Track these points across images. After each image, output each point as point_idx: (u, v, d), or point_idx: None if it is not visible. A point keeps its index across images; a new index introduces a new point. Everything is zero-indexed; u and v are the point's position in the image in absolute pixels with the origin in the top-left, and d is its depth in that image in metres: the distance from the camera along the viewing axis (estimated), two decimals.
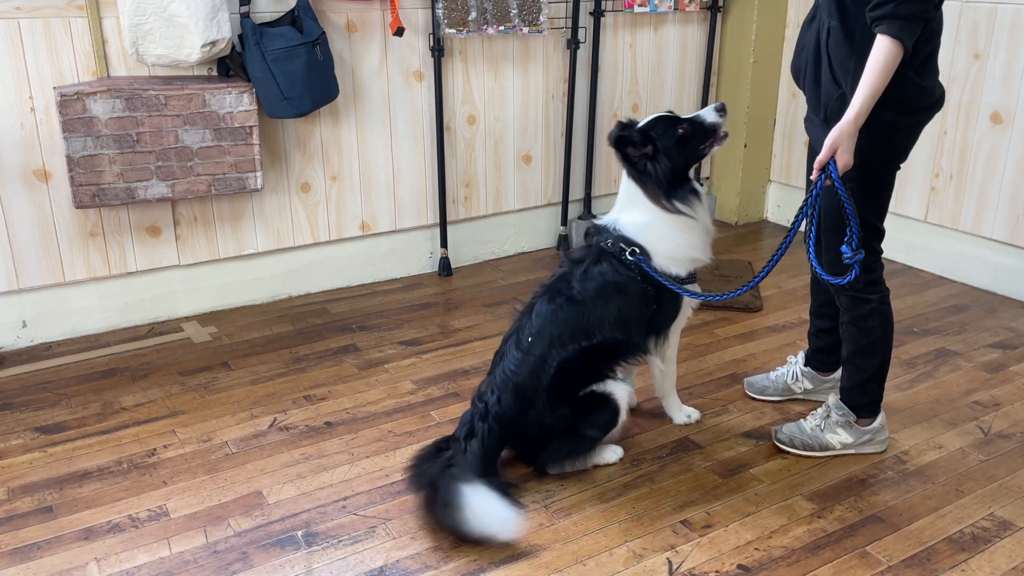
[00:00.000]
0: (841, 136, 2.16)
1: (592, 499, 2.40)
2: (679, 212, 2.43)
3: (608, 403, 2.42)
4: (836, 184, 2.23)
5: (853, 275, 2.22)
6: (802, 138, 4.57)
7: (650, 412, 2.83)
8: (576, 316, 2.37)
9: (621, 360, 2.46)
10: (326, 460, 2.58)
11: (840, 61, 2.23)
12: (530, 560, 2.15)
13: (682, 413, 2.77)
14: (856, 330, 2.45)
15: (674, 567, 2.13)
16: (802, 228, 2.29)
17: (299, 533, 2.25)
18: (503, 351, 2.44)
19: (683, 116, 2.47)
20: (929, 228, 4.02)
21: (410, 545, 2.21)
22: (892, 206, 2.49)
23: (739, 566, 2.14)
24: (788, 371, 2.89)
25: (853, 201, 2.20)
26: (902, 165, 2.37)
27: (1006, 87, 3.63)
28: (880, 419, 2.58)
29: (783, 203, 4.77)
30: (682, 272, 2.47)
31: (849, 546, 2.21)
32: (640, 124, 2.46)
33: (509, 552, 2.18)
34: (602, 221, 2.51)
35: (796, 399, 2.89)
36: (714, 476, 2.50)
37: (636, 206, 2.46)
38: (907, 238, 4.05)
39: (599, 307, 2.38)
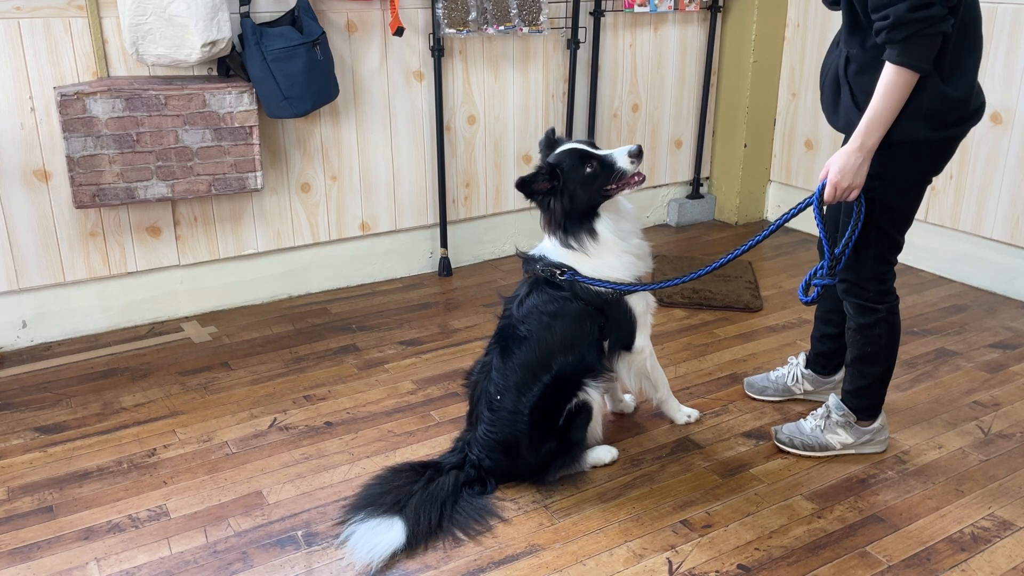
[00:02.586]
0: (843, 162, 2.14)
1: (592, 499, 2.40)
2: (572, 248, 2.42)
3: (583, 407, 2.43)
4: (814, 207, 2.25)
5: (812, 297, 2.31)
6: (802, 139, 4.57)
7: (650, 412, 2.83)
8: (529, 353, 2.37)
9: (585, 380, 2.42)
10: (326, 460, 2.58)
11: (862, 86, 2.18)
12: (530, 560, 2.15)
13: (682, 413, 2.78)
14: (861, 337, 2.43)
15: (674, 567, 2.13)
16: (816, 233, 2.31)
17: (299, 533, 2.25)
18: (477, 413, 2.45)
19: (597, 152, 2.40)
20: (929, 228, 4.02)
21: None
22: None
23: (739, 566, 2.14)
24: (788, 372, 2.89)
25: (856, 230, 2.24)
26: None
27: (1006, 87, 3.63)
28: (880, 419, 2.58)
29: (783, 203, 4.77)
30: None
31: (849, 546, 2.21)
32: (553, 154, 2.42)
33: (509, 552, 2.18)
34: (532, 252, 2.52)
35: (796, 399, 2.89)
36: (714, 476, 2.50)
37: None
38: (907, 238, 4.04)
39: (545, 336, 2.38)
